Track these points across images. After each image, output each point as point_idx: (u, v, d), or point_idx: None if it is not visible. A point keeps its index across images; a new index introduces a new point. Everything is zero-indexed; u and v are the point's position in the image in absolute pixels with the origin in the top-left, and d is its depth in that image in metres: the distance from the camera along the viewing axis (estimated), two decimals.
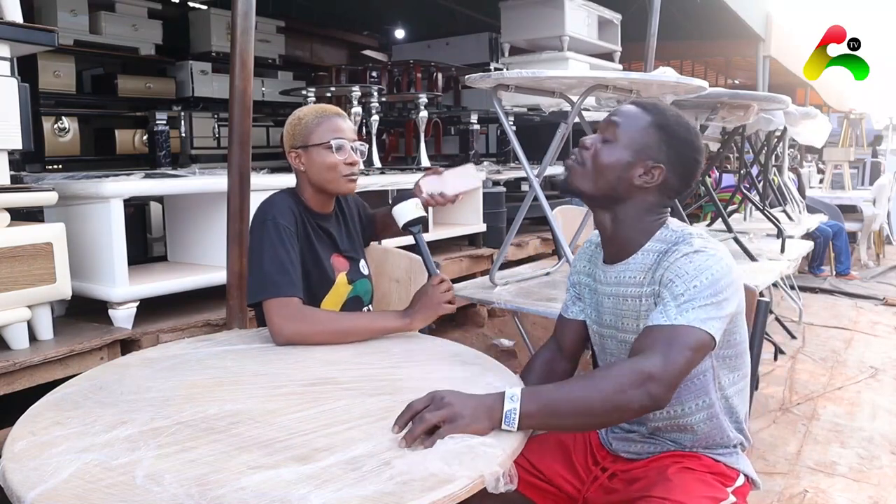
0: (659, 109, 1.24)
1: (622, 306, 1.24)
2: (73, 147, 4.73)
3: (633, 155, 1.20)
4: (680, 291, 1.11)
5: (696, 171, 1.26)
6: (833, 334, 4.25)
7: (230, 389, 1.16)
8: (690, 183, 1.27)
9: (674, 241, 1.19)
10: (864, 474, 2.41)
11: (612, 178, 1.21)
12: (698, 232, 1.22)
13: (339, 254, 1.65)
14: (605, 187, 1.22)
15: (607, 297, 1.28)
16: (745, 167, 4.07)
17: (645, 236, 1.23)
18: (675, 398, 1.21)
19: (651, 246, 1.22)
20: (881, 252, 6.95)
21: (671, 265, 1.15)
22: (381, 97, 4.07)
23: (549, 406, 1.01)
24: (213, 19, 5.41)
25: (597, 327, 1.34)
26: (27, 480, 0.85)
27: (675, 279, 1.13)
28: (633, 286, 1.22)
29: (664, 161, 1.20)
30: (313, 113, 1.60)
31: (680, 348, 1.06)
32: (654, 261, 1.19)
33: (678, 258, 1.15)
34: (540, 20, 4.71)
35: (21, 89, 1.94)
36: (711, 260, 1.13)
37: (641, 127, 1.21)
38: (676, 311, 1.10)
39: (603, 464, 1.34)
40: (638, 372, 1.03)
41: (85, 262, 2.24)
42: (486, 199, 3.93)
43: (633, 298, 1.22)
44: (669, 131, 1.21)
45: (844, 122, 8.40)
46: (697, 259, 1.13)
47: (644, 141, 1.21)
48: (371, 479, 0.84)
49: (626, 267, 1.24)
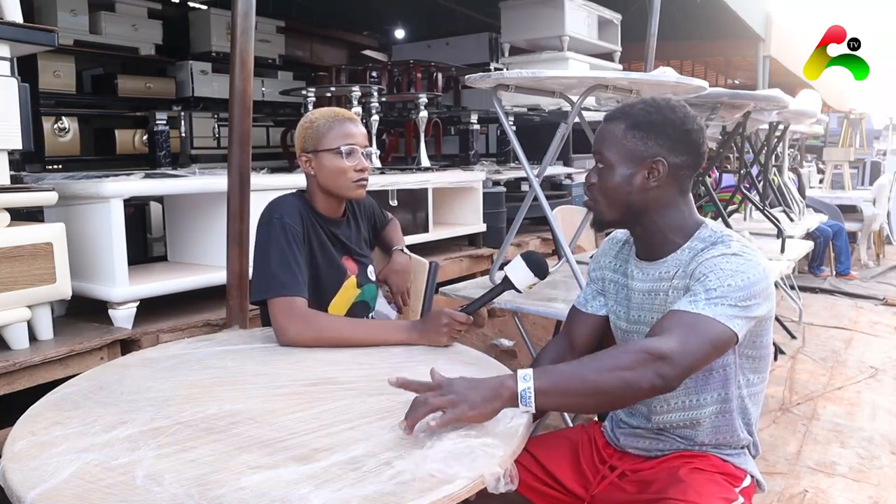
0: (624, 111, 1.24)
1: (654, 301, 1.25)
2: (73, 147, 4.73)
3: (630, 165, 1.21)
4: (713, 286, 1.11)
5: (694, 139, 1.22)
6: (833, 334, 4.25)
7: (230, 389, 1.16)
8: (699, 151, 1.23)
9: (712, 240, 1.20)
10: (864, 474, 2.41)
11: (625, 196, 1.22)
12: (738, 235, 1.22)
13: (349, 257, 1.64)
14: (624, 207, 1.23)
15: (639, 294, 1.28)
16: (745, 167, 4.06)
17: (683, 236, 1.23)
18: (694, 387, 1.22)
19: (690, 244, 1.22)
20: (881, 252, 6.95)
21: (706, 260, 1.15)
22: (381, 97, 4.07)
23: (562, 384, 1.01)
24: (213, 19, 5.41)
25: (624, 324, 1.33)
26: (27, 480, 0.85)
27: (708, 274, 1.12)
28: (668, 281, 1.22)
29: (659, 151, 1.20)
30: (325, 117, 1.58)
31: (700, 337, 1.06)
32: (690, 258, 1.20)
33: (715, 255, 1.15)
34: (540, 20, 4.71)
35: (21, 89, 1.93)
36: (749, 264, 1.13)
37: (619, 137, 1.22)
38: (705, 302, 1.10)
39: (610, 462, 1.34)
40: (652, 350, 1.03)
41: (85, 262, 2.24)
42: (486, 199, 3.93)
43: (664, 293, 1.23)
44: (645, 123, 1.21)
45: (844, 122, 8.39)
46: (735, 261, 1.13)
47: (630, 147, 1.21)
48: (371, 479, 0.84)
49: (664, 264, 1.24)
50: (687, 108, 1.23)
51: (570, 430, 1.51)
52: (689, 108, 1.23)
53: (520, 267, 1.40)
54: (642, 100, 1.25)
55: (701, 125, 1.24)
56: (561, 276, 2.50)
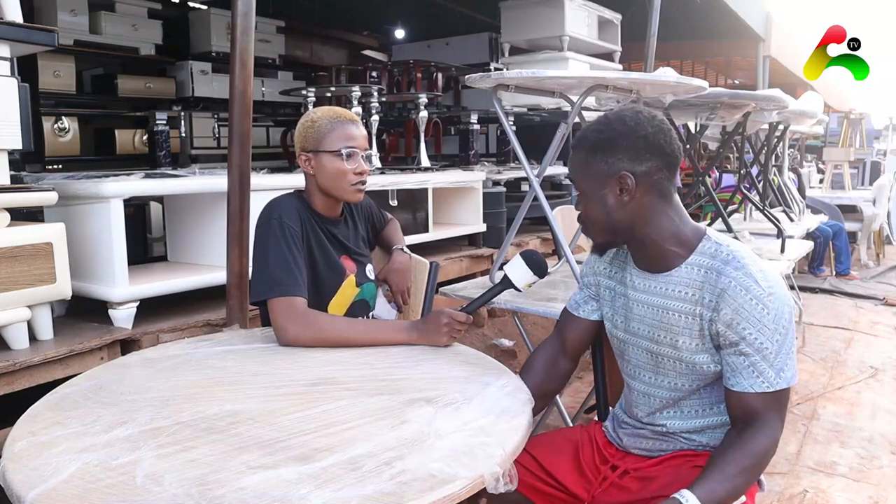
0: (581, 137, 1.23)
1: (662, 318, 1.22)
2: (73, 147, 4.74)
3: (600, 187, 1.19)
4: (768, 349, 1.11)
5: (652, 141, 1.17)
6: (833, 334, 4.25)
7: (230, 389, 1.16)
8: (663, 151, 1.17)
9: (723, 258, 1.16)
10: (864, 474, 2.41)
11: (605, 217, 1.21)
12: (745, 249, 1.18)
13: (347, 256, 1.64)
14: (610, 228, 1.22)
15: (641, 305, 1.26)
16: (745, 167, 4.06)
17: (684, 248, 1.20)
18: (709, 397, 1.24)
19: (696, 260, 1.18)
20: (881, 252, 6.95)
21: (743, 311, 1.11)
22: (381, 97, 4.07)
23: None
24: (213, 19, 5.41)
25: (622, 334, 1.32)
26: (27, 480, 0.85)
27: (757, 336, 1.11)
28: (679, 301, 1.19)
29: (621, 166, 1.17)
30: (327, 117, 1.57)
31: (784, 409, 1.14)
32: (702, 277, 1.17)
33: (748, 302, 1.11)
34: (540, 20, 4.71)
35: (21, 89, 1.93)
36: (780, 302, 1.12)
37: (584, 164, 1.21)
38: (774, 373, 1.11)
39: (612, 462, 1.34)
40: (760, 453, 1.11)
41: (85, 262, 2.24)
42: (486, 199, 3.93)
43: (677, 314, 1.20)
44: (599, 143, 1.19)
45: (844, 122, 8.39)
46: (772, 307, 1.11)
47: (595, 170, 1.19)
48: (371, 479, 0.84)
49: (669, 279, 1.21)
50: (639, 114, 1.19)
51: (570, 430, 1.52)
52: (644, 112, 1.19)
53: (519, 266, 1.40)
54: (595, 120, 1.24)
55: (659, 125, 1.18)
56: (561, 276, 2.50)
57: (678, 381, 1.24)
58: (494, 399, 1.11)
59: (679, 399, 1.25)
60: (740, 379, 1.13)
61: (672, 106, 2.70)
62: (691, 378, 1.22)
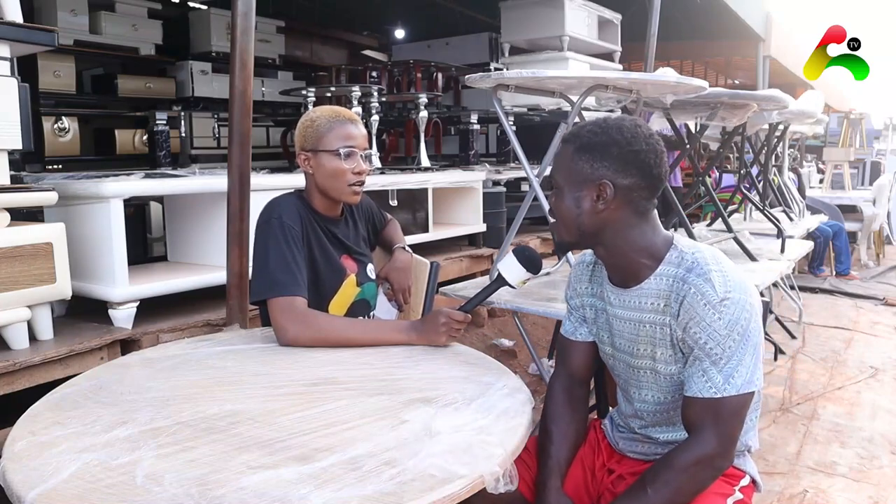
0: (575, 132, 1.20)
1: (639, 332, 1.21)
2: (73, 147, 4.74)
3: (577, 188, 1.17)
4: (718, 354, 1.09)
5: (643, 159, 1.14)
6: (833, 334, 4.25)
7: (230, 389, 1.16)
8: (650, 172, 1.15)
9: (687, 266, 1.14)
10: (864, 474, 2.41)
11: (575, 218, 1.18)
12: (710, 253, 1.16)
13: (348, 255, 1.64)
14: (577, 231, 1.20)
15: (620, 321, 1.24)
16: (745, 167, 4.06)
17: (653, 260, 1.18)
18: None
19: (663, 270, 1.17)
20: (881, 252, 6.95)
21: (696, 316, 1.10)
22: (381, 97, 4.07)
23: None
24: (213, 19, 5.41)
25: (609, 349, 1.31)
26: (27, 480, 0.85)
27: (707, 340, 1.09)
28: (651, 312, 1.18)
29: (605, 174, 1.14)
30: (326, 116, 1.57)
31: (731, 416, 1.10)
32: (669, 287, 1.15)
33: (701, 307, 1.09)
34: (540, 20, 4.71)
35: (21, 89, 1.94)
36: (737, 307, 1.09)
37: (568, 160, 1.18)
38: (722, 379, 1.09)
39: (609, 465, 1.34)
40: (700, 459, 1.10)
41: (85, 262, 2.24)
42: (486, 199, 3.93)
43: (650, 325, 1.19)
44: (591, 145, 1.16)
45: (844, 122, 8.39)
46: (725, 312, 1.08)
47: (577, 170, 1.17)
48: (371, 479, 0.84)
49: (640, 292, 1.19)
50: (639, 128, 1.16)
51: None
52: (643, 128, 1.17)
53: (511, 263, 1.40)
54: (594, 120, 1.20)
55: (654, 145, 1.15)
56: (561, 276, 2.50)
57: (658, 395, 1.23)
58: (494, 399, 1.11)
59: (667, 411, 1.24)
60: (691, 384, 1.12)
61: (672, 106, 2.70)
62: (669, 391, 1.21)
